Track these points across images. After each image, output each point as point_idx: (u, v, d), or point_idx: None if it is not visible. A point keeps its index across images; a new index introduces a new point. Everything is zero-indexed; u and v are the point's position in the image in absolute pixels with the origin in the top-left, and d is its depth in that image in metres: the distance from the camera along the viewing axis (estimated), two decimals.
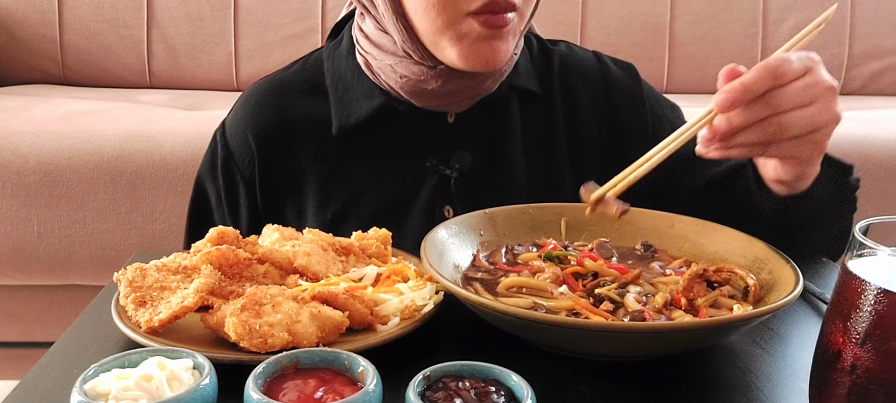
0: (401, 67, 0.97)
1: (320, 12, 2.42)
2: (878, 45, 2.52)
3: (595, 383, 0.64)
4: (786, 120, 0.73)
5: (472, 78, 0.97)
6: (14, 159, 1.73)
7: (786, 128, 0.74)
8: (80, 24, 2.39)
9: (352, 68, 1.04)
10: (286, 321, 0.64)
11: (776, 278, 0.73)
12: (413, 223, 1.00)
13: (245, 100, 1.08)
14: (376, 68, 1.00)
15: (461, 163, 1.01)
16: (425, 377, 0.55)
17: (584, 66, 1.10)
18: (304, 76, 1.07)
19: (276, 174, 1.03)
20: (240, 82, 2.45)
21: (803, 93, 0.73)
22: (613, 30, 2.44)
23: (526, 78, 1.05)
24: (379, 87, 1.01)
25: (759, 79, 0.71)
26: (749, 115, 0.73)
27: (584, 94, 1.07)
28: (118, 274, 0.72)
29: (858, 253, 0.50)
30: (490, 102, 1.02)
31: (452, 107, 1.02)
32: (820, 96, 0.74)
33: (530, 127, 1.05)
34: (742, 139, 0.74)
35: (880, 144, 1.87)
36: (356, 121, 1.01)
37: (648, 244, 0.87)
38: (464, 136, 1.02)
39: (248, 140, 1.03)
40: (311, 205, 1.02)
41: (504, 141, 1.03)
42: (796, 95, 0.73)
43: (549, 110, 1.06)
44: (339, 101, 1.02)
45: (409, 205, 1.01)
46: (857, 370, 0.48)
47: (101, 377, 0.54)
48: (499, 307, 0.65)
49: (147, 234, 1.77)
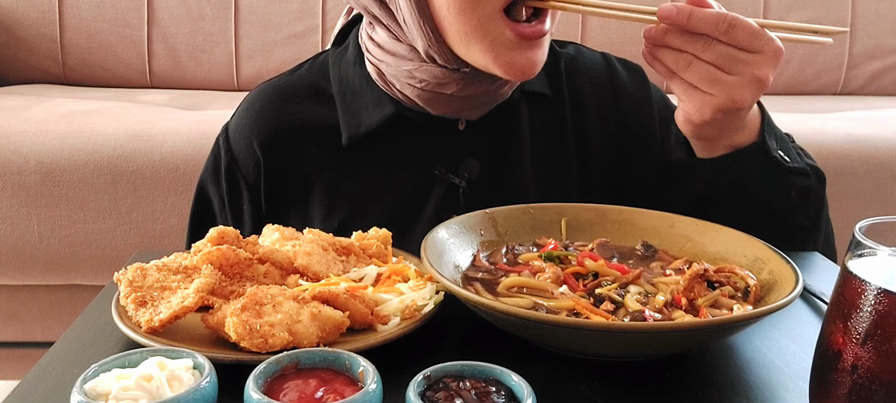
0: (420, 72, 0.95)
1: (321, 12, 2.42)
2: (878, 44, 2.51)
3: (595, 383, 0.64)
4: (734, 53, 0.80)
5: (492, 83, 0.96)
6: (14, 159, 1.73)
7: (734, 61, 0.80)
8: (81, 24, 2.39)
9: (360, 76, 1.02)
10: (286, 321, 0.64)
11: (776, 278, 0.73)
12: (420, 232, 0.98)
13: (249, 105, 1.06)
14: (390, 76, 0.99)
15: (470, 171, 1.00)
16: (426, 377, 0.55)
17: (592, 68, 1.09)
18: (309, 81, 1.06)
19: (282, 181, 1.02)
20: (240, 82, 2.46)
21: (753, 39, 0.79)
22: (614, 30, 2.44)
23: (536, 81, 1.04)
24: (389, 96, 1.00)
25: (716, 11, 0.79)
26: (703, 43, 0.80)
27: (591, 97, 1.07)
28: (118, 274, 0.72)
29: (858, 253, 0.50)
30: (501, 109, 1.01)
31: (465, 114, 1.01)
32: (764, 49, 0.80)
33: (539, 131, 1.04)
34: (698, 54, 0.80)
35: (880, 144, 1.87)
36: (366, 130, 0.99)
37: (649, 244, 0.87)
38: (473, 145, 1.01)
39: (253, 147, 1.01)
40: (317, 213, 1.01)
41: (513, 148, 1.02)
42: (747, 39, 0.79)
43: (557, 113, 1.05)
44: (348, 110, 1.01)
45: (417, 214, 1.00)
46: (857, 370, 0.48)
47: (101, 377, 0.54)
48: (499, 307, 0.65)
49: (147, 234, 1.77)
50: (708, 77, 0.81)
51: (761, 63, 0.80)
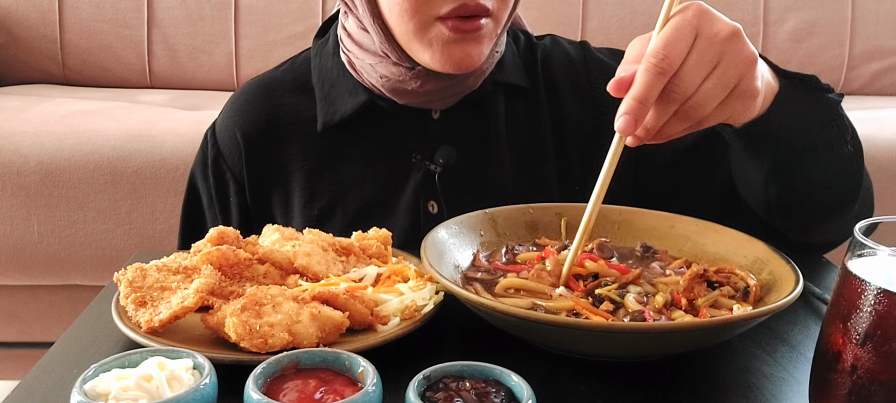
0: (381, 67, 0.98)
1: (320, 12, 2.42)
2: (878, 45, 2.51)
3: (595, 383, 0.64)
4: (697, 100, 0.67)
5: (451, 78, 0.98)
6: (14, 159, 1.73)
7: (700, 106, 0.67)
8: (81, 24, 2.39)
9: (337, 66, 1.05)
10: (286, 321, 0.64)
11: (776, 278, 0.73)
12: (398, 218, 1.01)
13: (234, 100, 1.10)
14: (359, 67, 1.02)
15: (445, 158, 1.01)
16: (425, 377, 0.55)
17: (567, 56, 1.10)
18: (293, 75, 1.09)
19: (264, 170, 1.04)
20: (240, 82, 2.45)
21: (703, 62, 0.66)
22: (614, 29, 2.44)
23: (512, 73, 1.06)
24: (362, 85, 1.02)
25: (651, 84, 0.64)
26: (659, 117, 0.67)
27: (565, 81, 1.08)
28: (118, 274, 0.72)
29: (858, 253, 0.50)
30: (475, 99, 1.03)
31: (436, 105, 1.03)
32: (721, 52, 0.66)
33: (516, 121, 1.05)
34: (667, 132, 0.69)
35: (880, 144, 1.87)
36: (341, 117, 1.02)
37: (648, 246, 0.87)
38: (449, 132, 1.03)
39: (237, 137, 1.04)
40: (297, 201, 1.03)
41: (489, 136, 1.04)
42: (696, 71, 0.66)
43: (534, 104, 1.07)
44: (325, 99, 1.04)
45: (395, 201, 1.02)
46: (857, 370, 0.48)
47: (101, 377, 0.54)
48: (499, 307, 0.65)
49: (147, 234, 1.77)
50: (719, 112, 0.70)
51: (727, 68, 0.68)
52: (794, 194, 0.88)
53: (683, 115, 0.68)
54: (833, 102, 0.86)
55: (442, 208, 1.00)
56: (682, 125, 0.69)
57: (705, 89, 0.67)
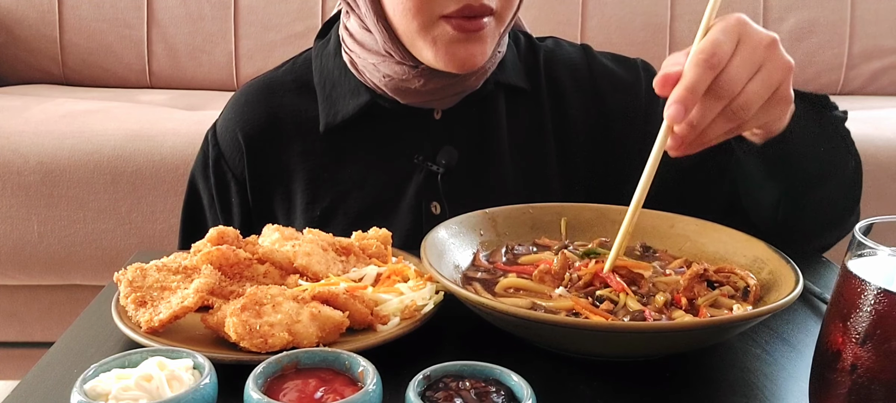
0: (383, 67, 0.98)
1: (320, 12, 2.42)
2: (878, 45, 2.51)
3: (595, 383, 0.64)
4: (743, 100, 0.69)
5: (454, 77, 0.98)
6: (14, 159, 1.73)
7: (746, 106, 0.70)
8: (81, 24, 2.39)
9: (339, 66, 1.05)
10: (286, 321, 0.64)
11: (776, 278, 0.73)
12: (401, 219, 1.01)
13: (235, 100, 1.10)
14: (361, 67, 1.02)
15: (448, 158, 1.02)
16: (425, 377, 0.55)
17: (570, 59, 1.10)
18: (294, 75, 1.09)
19: (266, 171, 1.04)
20: (240, 82, 2.45)
21: (747, 64, 0.69)
22: (614, 29, 2.44)
23: (513, 74, 1.06)
24: (364, 85, 1.02)
25: (700, 76, 0.67)
26: (706, 113, 0.69)
27: (569, 86, 1.08)
28: (118, 274, 0.72)
29: (858, 253, 0.50)
30: (477, 99, 1.03)
31: (438, 104, 1.03)
32: (764, 57, 0.70)
33: (517, 122, 1.05)
34: (710, 134, 0.71)
35: (880, 144, 1.87)
36: (343, 118, 1.02)
37: (647, 246, 0.87)
38: (450, 133, 1.03)
39: (238, 138, 1.04)
40: (299, 202, 1.03)
41: (491, 137, 1.04)
42: (742, 71, 0.69)
43: (536, 105, 1.07)
44: (327, 99, 1.04)
45: (397, 202, 1.02)
46: (857, 370, 0.48)
47: (101, 377, 0.54)
48: (499, 307, 0.65)
49: (147, 234, 1.77)
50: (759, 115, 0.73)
51: (771, 71, 0.71)
52: (803, 214, 0.92)
53: (729, 115, 0.70)
54: (840, 120, 0.90)
55: (444, 209, 1.00)
56: (726, 126, 0.71)
57: (751, 89, 0.69)
